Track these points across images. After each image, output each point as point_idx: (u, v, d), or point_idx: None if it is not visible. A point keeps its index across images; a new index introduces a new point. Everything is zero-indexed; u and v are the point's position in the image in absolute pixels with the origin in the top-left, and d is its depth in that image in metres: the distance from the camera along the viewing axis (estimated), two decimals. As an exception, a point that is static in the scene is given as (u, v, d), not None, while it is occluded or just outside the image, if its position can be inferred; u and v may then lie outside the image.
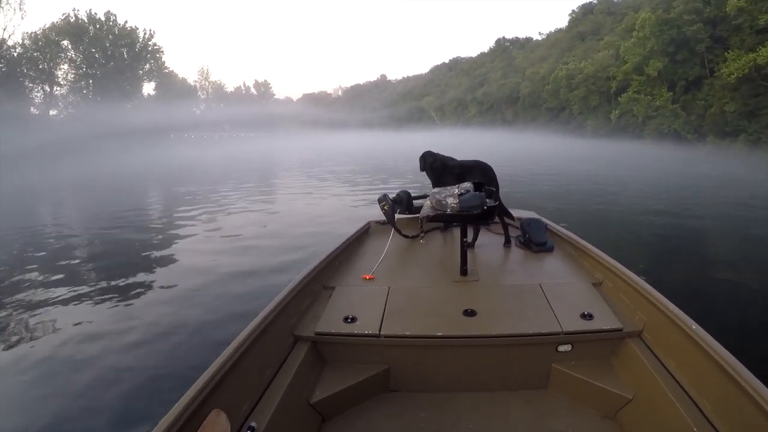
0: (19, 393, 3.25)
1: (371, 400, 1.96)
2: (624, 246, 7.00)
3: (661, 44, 35.02)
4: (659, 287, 2.01)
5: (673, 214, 9.87)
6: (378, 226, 3.60)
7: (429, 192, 2.75)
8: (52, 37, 44.35)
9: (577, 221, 8.45)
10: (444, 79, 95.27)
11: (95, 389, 3.22)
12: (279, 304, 1.97)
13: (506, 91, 63.96)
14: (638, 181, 16.31)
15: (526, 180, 15.84)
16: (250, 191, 14.51)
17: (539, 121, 53.52)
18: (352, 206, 10.61)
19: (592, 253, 2.66)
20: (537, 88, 55.01)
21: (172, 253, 7.25)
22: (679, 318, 1.77)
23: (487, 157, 3.52)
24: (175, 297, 5.00)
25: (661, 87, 35.05)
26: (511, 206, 3.43)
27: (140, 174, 23.68)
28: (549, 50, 62.76)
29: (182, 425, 1.24)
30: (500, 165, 4.23)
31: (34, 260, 6.98)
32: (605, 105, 42.88)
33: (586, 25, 58.29)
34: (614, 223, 9.10)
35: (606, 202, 11.12)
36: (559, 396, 1.96)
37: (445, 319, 2.09)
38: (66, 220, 11.61)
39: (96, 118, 42.02)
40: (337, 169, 21.93)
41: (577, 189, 13.64)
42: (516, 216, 3.38)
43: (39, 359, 3.68)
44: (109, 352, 3.75)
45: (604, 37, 49.86)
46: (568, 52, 54.90)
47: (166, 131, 54.28)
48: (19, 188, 18.63)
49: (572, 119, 47.73)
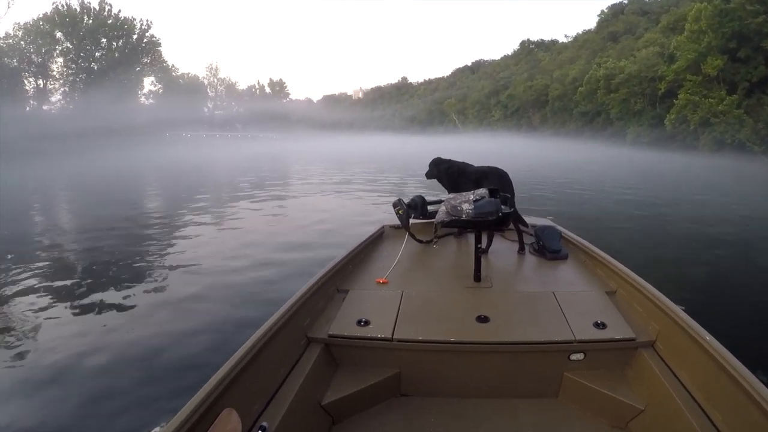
0: (30, 392, 3.25)
1: (382, 403, 1.97)
2: (640, 254, 6.86)
3: (720, 39, 30.24)
4: (673, 296, 2.00)
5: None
6: (392, 230, 3.61)
7: (444, 197, 2.80)
8: (43, 28, 41.67)
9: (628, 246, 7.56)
10: (466, 82, 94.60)
11: (108, 386, 3.25)
12: (293, 305, 1.97)
13: (533, 94, 61.38)
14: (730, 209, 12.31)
15: (579, 210, 12.00)
16: (264, 194, 14.35)
17: (570, 126, 50.49)
18: (367, 210, 10.66)
19: (606, 261, 2.66)
20: (567, 91, 51.67)
21: (184, 255, 7.15)
22: (692, 328, 1.76)
23: (519, 166, 2.31)
24: (189, 298, 4.97)
25: (720, 89, 30.28)
26: (526, 213, 3.45)
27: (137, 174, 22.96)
28: (577, 51, 60.78)
29: (194, 423, 1.26)
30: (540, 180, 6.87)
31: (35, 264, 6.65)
32: (650, 109, 38.15)
33: (618, 25, 56.52)
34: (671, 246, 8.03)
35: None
36: (570, 405, 1.95)
37: (457, 324, 2.10)
38: (74, 221, 11.46)
39: (88, 113, 39.48)
40: (354, 173, 21.64)
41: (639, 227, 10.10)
42: (530, 223, 3.40)
43: (49, 360, 3.67)
44: (124, 350, 3.78)
45: (643, 35, 45.72)
46: (601, 52, 52.06)
47: (168, 129, 51.05)
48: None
49: (609, 125, 43.34)
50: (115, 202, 13.15)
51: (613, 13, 61.47)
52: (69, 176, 21.80)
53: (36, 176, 21.44)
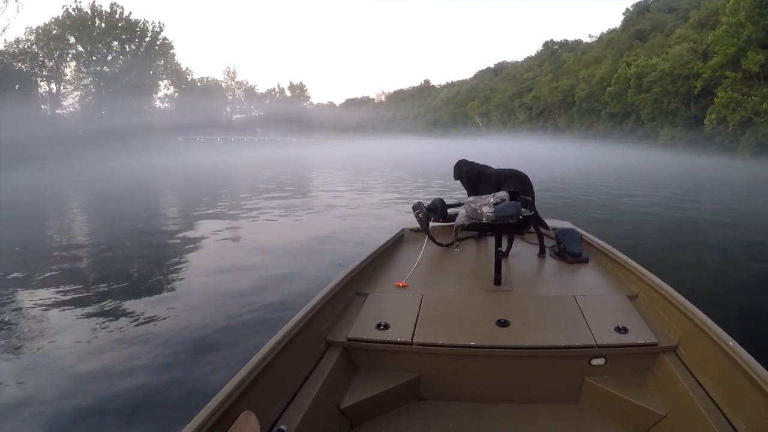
0: (49, 392, 3.29)
1: (401, 407, 1.96)
2: (661, 256, 6.70)
3: (761, 32, 28.32)
4: (696, 300, 1.98)
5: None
6: (412, 233, 3.59)
7: (464, 200, 2.80)
8: (54, 32, 41.15)
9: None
10: (489, 84, 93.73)
11: (128, 387, 3.27)
12: (312, 309, 1.98)
13: (559, 95, 59.99)
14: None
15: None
16: (283, 197, 14.63)
17: (598, 128, 48.85)
18: (386, 214, 10.57)
19: (628, 265, 2.64)
20: (595, 91, 50.12)
21: (203, 259, 7.23)
22: (715, 333, 1.73)
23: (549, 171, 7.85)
24: (208, 301, 5.01)
25: (761, 86, 28.37)
26: (547, 216, 3.40)
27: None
28: (603, 51, 59.29)
29: (213, 425, 1.27)
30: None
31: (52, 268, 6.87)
32: (684, 109, 36.26)
33: (645, 23, 54.86)
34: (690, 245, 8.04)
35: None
36: (590, 410, 1.93)
37: (477, 328, 2.09)
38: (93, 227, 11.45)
39: (101, 117, 39.20)
40: (375, 177, 21.63)
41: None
42: (551, 226, 3.34)
43: (71, 361, 3.73)
44: (142, 351, 3.82)
45: (674, 31, 44.05)
46: (628, 51, 50.48)
47: (185, 133, 50.41)
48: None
49: (639, 126, 41.56)
50: (132, 206, 13.46)
51: (638, 11, 60.43)
52: (77, 182, 22.05)
53: (44, 183, 21.62)
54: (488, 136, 69.51)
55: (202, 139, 53.49)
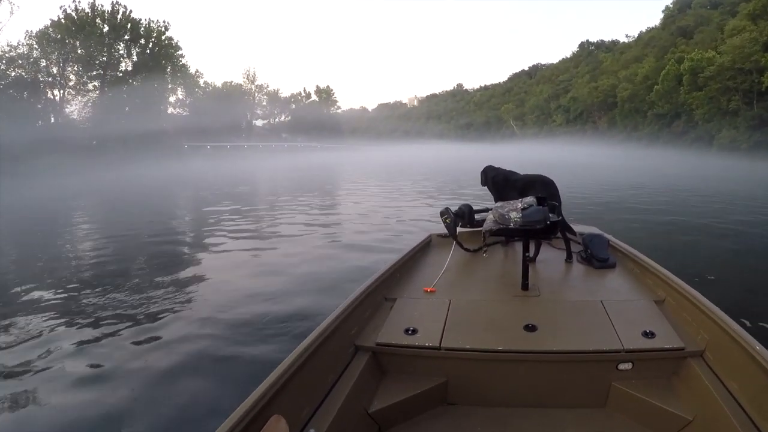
0: (77, 398, 3.27)
1: (428, 412, 1.98)
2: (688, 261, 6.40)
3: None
4: (723, 306, 1.94)
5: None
6: (439, 239, 3.59)
7: (491, 206, 2.79)
8: (53, 35, 38.32)
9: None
10: (523, 87, 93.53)
11: (158, 391, 3.33)
12: (341, 314, 2.00)
13: (599, 96, 58.22)
14: None
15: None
16: (311, 204, 14.61)
17: (644, 130, 46.50)
18: (414, 219, 10.62)
19: (655, 270, 2.60)
20: (639, 91, 47.38)
21: (231, 264, 7.29)
22: (742, 338, 1.72)
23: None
24: (239, 306, 5.03)
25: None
26: (574, 222, 3.39)
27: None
28: (642, 50, 58.11)
29: (243, 429, 1.29)
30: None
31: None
32: (746, 108, 33.22)
33: (688, 19, 53.75)
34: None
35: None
36: (617, 415, 1.94)
37: (505, 333, 2.10)
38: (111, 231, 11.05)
39: (108, 124, 37.02)
40: (404, 183, 21.17)
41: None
42: (578, 231, 3.34)
43: (96, 368, 3.71)
44: (172, 354, 3.88)
45: (728, 21, 41.30)
46: (673, 48, 48.46)
47: (197, 140, 47.41)
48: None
49: (691, 128, 38.55)
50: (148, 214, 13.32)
51: (679, 8, 60.13)
52: (70, 196, 20.43)
53: (42, 195, 20.45)
54: (524, 139, 68.26)
55: (210, 146, 49.59)
